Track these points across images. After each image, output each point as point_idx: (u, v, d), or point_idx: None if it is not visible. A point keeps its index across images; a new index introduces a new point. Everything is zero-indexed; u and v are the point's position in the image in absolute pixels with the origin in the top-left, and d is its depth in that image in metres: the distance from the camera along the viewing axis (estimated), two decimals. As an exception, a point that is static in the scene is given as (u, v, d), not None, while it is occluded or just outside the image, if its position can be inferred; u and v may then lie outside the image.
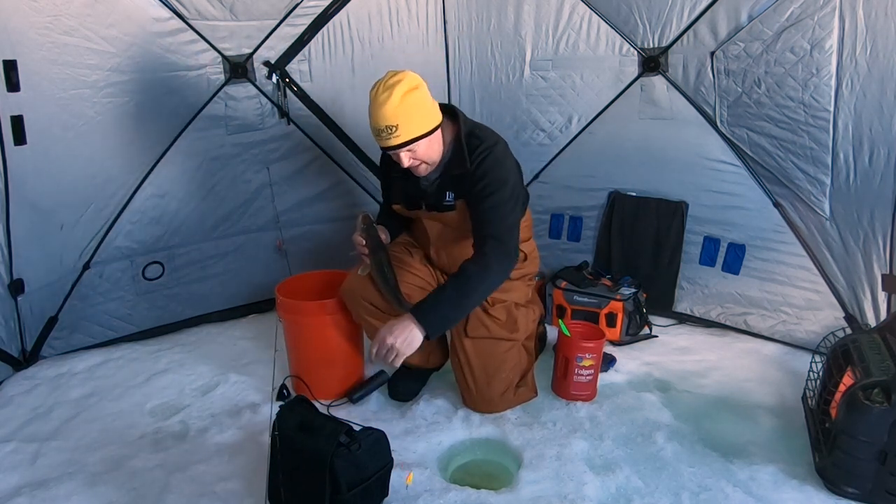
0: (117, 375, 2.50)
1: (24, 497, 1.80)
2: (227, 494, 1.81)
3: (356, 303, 2.17)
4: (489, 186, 1.96)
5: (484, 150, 1.98)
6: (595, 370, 2.26)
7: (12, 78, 2.10)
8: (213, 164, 2.82)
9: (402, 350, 1.85)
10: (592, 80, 2.83)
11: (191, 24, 2.57)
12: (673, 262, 2.84)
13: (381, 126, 1.87)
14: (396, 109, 1.84)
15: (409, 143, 1.90)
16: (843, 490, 1.77)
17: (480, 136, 2.01)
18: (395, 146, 1.90)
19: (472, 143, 2.00)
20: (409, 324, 1.87)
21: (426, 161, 1.99)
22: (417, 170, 2.01)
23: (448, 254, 2.23)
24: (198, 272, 2.91)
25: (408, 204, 2.19)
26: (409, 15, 2.98)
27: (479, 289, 1.96)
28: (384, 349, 1.86)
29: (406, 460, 1.92)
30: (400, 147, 1.90)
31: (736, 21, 2.41)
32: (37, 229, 2.37)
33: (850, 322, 2.40)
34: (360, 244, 2.09)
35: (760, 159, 2.52)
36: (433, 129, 1.94)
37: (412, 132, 1.88)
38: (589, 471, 1.88)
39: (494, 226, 1.97)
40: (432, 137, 1.95)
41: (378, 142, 1.94)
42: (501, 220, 1.98)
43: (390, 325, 1.88)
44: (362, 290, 2.15)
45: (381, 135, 1.89)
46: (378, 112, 1.87)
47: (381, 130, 1.88)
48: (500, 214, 1.98)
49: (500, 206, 1.97)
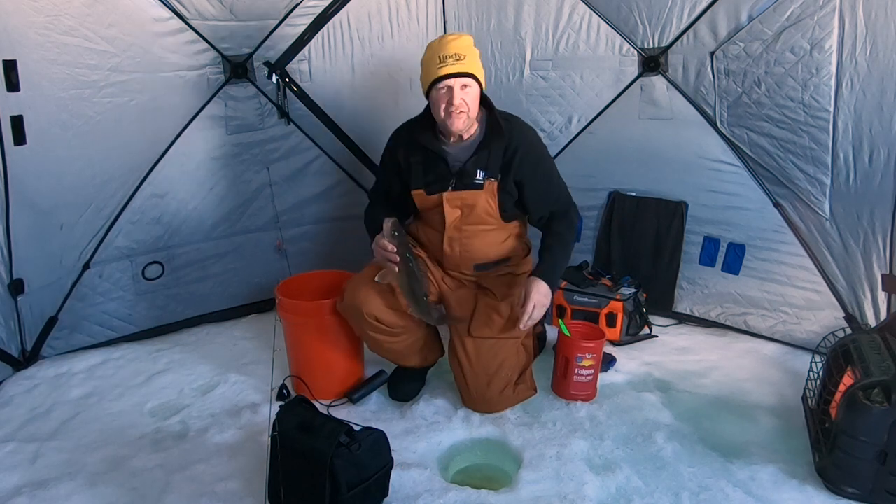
0: (117, 375, 2.50)
1: (24, 497, 1.80)
2: (226, 494, 1.80)
3: (359, 319, 2.12)
4: (540, 158, 2.19)
5: (518, 122, 2.19)
6: (595, 370, 2.26)
7: (12, 78, 2.10)
8: (213, 164, 2.82)
9: (547, 303, 2.09)
10: (592, 80, 2.83)
11: (191, 24, 2.57)
12: (673, 262, 2.84)
13: (451, 53, 1.98)
14: (466, 47, 2.02)
15: (471, 75, 2.00)
16: (843, 490, 1.77)
17: (510, 114, 2.20)
18: (459, 72, 1.98)
19: (506, 117, 2.16)
20: (542, 283, 2.07)
21: (470, 111, 2.04)
22: (458, 120, 2.03)
23: (461, 244, 2.21)
24: (198, 272, 2.91)
25: (430, 187, 2.17)
26: (409, 15, 2.98)
27: (571, 241, 2.25)
28: (531, 306, 2.04)
29: (406, 460, 1.92)
30: (463, 75, 1.99)
31: (736, 21, 2.41)
32: (37, 229, 2.37)
33: (850, 322, 2.40)
34: (391, 251, 2.01)
35: (760, 159, 2.52)
36: (482, 86, 2.07)
37: (476, 69, 2.03)
38: (589, 471, 1.88)
39: (556, 189, 2.24)
40: (478, 96, 2.07)
41: (439, 71, 1.98)
42: (559, 183, 2.25)
43: (536, 288, 2.06)
44: (367, 305, 2.09)
45: (448, 61, 1.97)
46: (448, 43, 2.00)
47: (447, 57, 1.97)
48: (556, 178, 2.25)
49: (551, 171, 2.24)
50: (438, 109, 2.03)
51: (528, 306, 2.05)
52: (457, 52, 1.98)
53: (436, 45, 2.04)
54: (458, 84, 1.99)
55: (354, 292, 2.12)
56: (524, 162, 2.12)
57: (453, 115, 2.01)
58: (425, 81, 2.06)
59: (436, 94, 2.02)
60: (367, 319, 2.10)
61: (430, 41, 2.08)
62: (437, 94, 2.02)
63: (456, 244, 2.22)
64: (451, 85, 1.98)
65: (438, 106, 2.03)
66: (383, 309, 2.10)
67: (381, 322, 2.11)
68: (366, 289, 2.10)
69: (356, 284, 2.14)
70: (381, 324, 2.12)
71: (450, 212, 2.16)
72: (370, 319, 2.10)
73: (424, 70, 2.06)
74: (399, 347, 2.22)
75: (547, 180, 2.21)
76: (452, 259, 2.25)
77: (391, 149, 2.24)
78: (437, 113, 2.05)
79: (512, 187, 2.15)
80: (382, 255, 2.03)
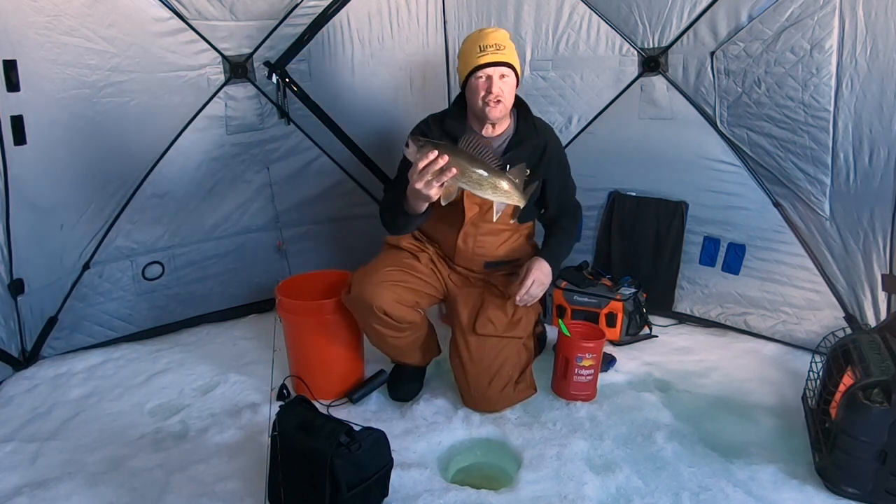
0: (117, 375, 2.50)
1: (24, 497, 1.80)
2: (227, 494, 1.80)
3: (367, 311, 2.10)
4: (563, 162, 2.32)
5: (543, 123, 2.27)
6: (595, 370, 2.26)
7: (12, 78, 2.10)
8: (213, 164, 2.82)
9: (546, 283, 2.16)
10: (592, 80, 2.83)
11: (191, 24, 2.57)
12: (673, 262, 2.84)
13: (490, 42, 2.02)
14: (505, 39, 2.07)
15: (509, 65, 2.04)
16: (843, 490, 1.77)
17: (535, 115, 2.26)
18: (499, 62, 2.02)
19: (538, 119, 2.25)
20: (544, 263, 2.15)
21: (507, 100, 2.07)
22: (497, 108, 2.05)
23: (475, 241, 2.23)
24: (198, 272, 2.91)
25: None
26: (409, 15, 2.98)
27: (573, 237, 2.38)
28: (536, 285, 2.11)
29: (406, 460, 1.92)
30: (503, 65, 2.02)
31: (736, 21, 2.41)
32: (37, 229, 2.37)
33: (850, 322, 2.40)
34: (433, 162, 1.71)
35: (760, 159, 2.52)
36: (519, 80, 2.12)
37: (514, 60, 2.07)
38: (589, 471, 1.88)
39: (571, 190, 2.38)
40: (514, 88, 2.10)
41: (479, 59, 2.02)
42: (573, 184, 2.38)
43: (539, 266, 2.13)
44: (377, 299, 2.07)
45: (488, 50, 2.01)
46: (489, 34, 2.06)
47: (488, 46, 2.02)
48: (571, 179, 2.37)
49: (569, 172, 2.36)
50: (477, 97, 2.06)
51: (528, 280, 2.10)
52: (497, 43, 2.03)
53: (475, 35, 2.09)
54: (497, 73, 2.03)
55: (363, 285, 2.10)
56: (552, 161, 2.21)
57: (491, 102, 2.04)
58: (463, 70, 2.10)
59: (475, 83, 2.06)
60: (375, 313, 2.08)
61: (469, 34, 2.14)
62: (477, 83, 2.05)
63: (470, 240, 2.23)
64: (490, 74, 2.02)
65: (477, 94, 2.06)
66: (393, 303, 2.09)
67: (390, 316, 2.10)
68: (375, 282, 2.10)
69: (364, 277, 2.12)
70: (390, 318, 2.11)
71: (469, 207, 2.17)
72: (379, 313, 2.08)
73: (463, 59, 2.10)
74: (402, 343, 2.22)
75: (565, 181, 2.33)
76: (464, 254, 2.26)
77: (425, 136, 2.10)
78: (475, 101, 2.08)
79: (539, 185, 2.16)
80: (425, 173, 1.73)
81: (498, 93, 2.03)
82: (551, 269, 2.17)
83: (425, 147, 1.73)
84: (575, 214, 2.40)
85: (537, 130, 2.17)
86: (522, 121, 2.19)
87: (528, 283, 2.10)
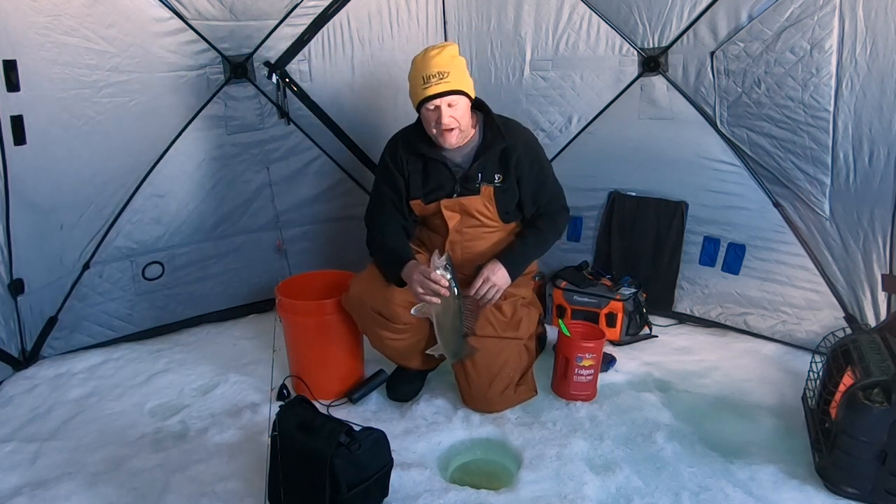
0: (117, 375, 2.50)
1: (24, 497, 1.80)
2: (227, 494, 1.81)
3: (364, 314, 2.14)
4: (536, 158, 2.21)
5: (515, 124, 2.22)
6: (595, 370, 2.26)
7: (12, 78, 2.10)
8: (213, 164, 2.82)
9: (501, 286, 2.09)
10: (592, 80, 2.83)
11: (191, 24, 2.57)
12: (673, 262, 2.84)
13: (434, 72, 1.98)
14: (449, 62, 2.00)
15: (457, 92, 2.00)
16: (843, 490, 1.77)
17: (506, 118, 2.22)
18: (444, 92, 1.98)
19: (503, 120, 2.18)
20: (501, 267, 2.10)
21: (461, 126, 2.05)
22: (450, 136, 2.04)
23: (463, 247, 2.23)
24: (198, 272, 2.91)
25: (428, 196, 2.18)
26: (409, 15, 2.98)
27: (549, 240, 2.27)
28: (486, 286, 2.06)
29: (406, 460, 1.92)
30: (449, 94, 1.98)
31: (736, 21, 2.41)
32: (37, 229, 2.37)
33: (850, 322, 2.40)
34: (443, 286, 1.87)
35: (760, 159, 2.52)
36: (472, 97, 2.07)
37: (461, 84, 2.02)
38: (589, 471, 1.88)
39: (549, 191, 2.26)
40: (469, 107, 2.07)
41: (424, 91, 2.00)
42: (553, 186, 2.28)
43: (492, 268, 2.09)
44: (371, 299, 2.10)
45: (432, 80, 1.98)
46: (431, 61, 1.99)
47: (431, 76, 1.98)
48: (550, 180, 2.27)
49: (546, 173, 2.26)
50: (429, 127, 2.07)
51: (478, 282, 2.07)
52: (440, 71, 1.98)
53: (419, 62, 2.04)
54: (444, 103, 2.00)
55: (359, 287, 2.13)
56: (521, 161, 2.16)
57: (444, 132, 2.03)
58: (413, 100, 2.09)
59: (425, 113, 2.06)
60: (371, 314, 2.10)
61: (416, 55, 2.08)
62: (426, 113, 2.05)
63: (458, 247, 2.23)
64: (437, 104, 2.00)
65: (429, 124, 2.06)
66: (388, 304, 2.10)
67: (387, 318, 2.11)
68: (371, 284, 2.11)
69: (361, 279, 2.16)
70: (387, 320, 2.11)
71: (450, 217, 2.19)
72: (374, 314, 2.10)
73: (411, 88, 2.09)
74: (401, 346, 2.22)
75: (540, 181, 2.23)
76: (456, 261, 2.25)
77: (393, 157, 2.21)
78: (429, 131, 2.08)
79: (514, 188, 2.17)
80: (431, 289, 1.88)
81: (448, 122, 2.01)
82: (507, 271, 2.11)
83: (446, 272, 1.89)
84: (555, 218, 2.28)
85: (504, 134, 2.13)
86: (487, 128, 2.16)
87: (478, 285, 2.07)
